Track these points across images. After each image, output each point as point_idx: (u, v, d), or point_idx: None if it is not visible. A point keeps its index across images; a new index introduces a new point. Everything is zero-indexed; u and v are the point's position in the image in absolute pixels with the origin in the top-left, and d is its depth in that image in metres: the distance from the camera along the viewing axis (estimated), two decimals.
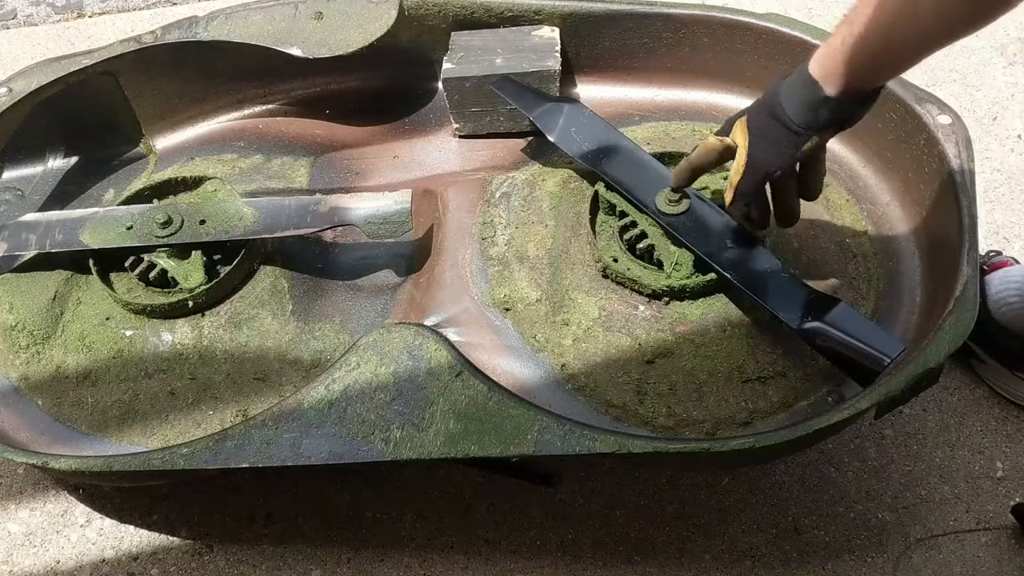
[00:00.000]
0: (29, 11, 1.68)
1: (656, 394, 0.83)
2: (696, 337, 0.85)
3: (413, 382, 0.80)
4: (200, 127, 1.17)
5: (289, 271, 0.97)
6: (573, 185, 0.99)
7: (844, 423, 0.72)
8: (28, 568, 0.97)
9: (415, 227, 0.98)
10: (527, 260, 0.93)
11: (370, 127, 1.13)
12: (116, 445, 0.91)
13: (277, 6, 1.07)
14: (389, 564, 0.94)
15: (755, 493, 0.95)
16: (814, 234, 0.92)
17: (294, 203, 0.98)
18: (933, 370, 0.72)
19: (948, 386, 1.01)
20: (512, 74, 1.01)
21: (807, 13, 1.46)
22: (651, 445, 0.74)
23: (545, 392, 0.85)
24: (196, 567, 0.96)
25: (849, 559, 0.90)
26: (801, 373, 0.83)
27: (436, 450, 0.77)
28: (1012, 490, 0.94)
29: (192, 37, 1.06)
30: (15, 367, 0.96)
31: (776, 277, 0.83)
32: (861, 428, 0.98)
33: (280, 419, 0.80)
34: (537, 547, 0.94)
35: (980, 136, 1.24)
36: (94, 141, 1.13)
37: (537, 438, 0.75)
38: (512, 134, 1.07)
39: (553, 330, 0.88)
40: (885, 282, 0.89)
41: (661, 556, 0.92)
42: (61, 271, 1.00)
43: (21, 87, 1.05)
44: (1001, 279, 0.98)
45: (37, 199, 1.09)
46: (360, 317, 0.95)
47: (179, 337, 0.94)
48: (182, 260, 0.96)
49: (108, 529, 0.99)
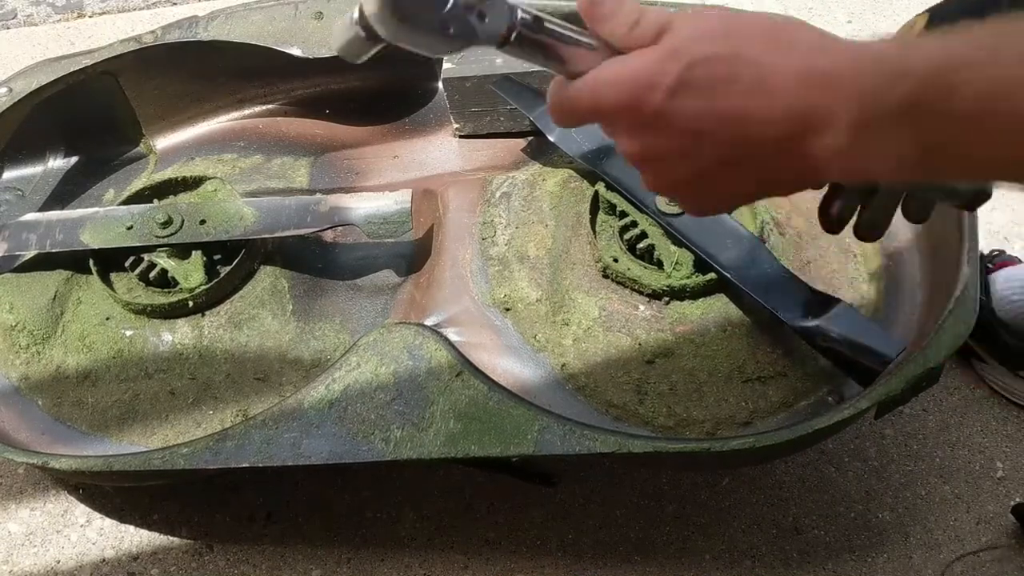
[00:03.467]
0: (29, 11, 1.68)
1: (656, 394, 0.83)
2: (696, 337, 0.85)
3: (413, 382, 0.80)
4: (200, 127, 1.17)
5: (289, 271, 0.97)
6: (573, 185, 0.99)
7: (844, 423, 0.72)
8: (28, 568, 0.97)
9: (415, 227, 0.98)
10: (527, 260, 0.93)
11: (370, 127, 1.13)
12: (116, 445, 0.91)
13: (277, 6, 1.07)
14: (389, 564, 0.94)
15: (755, 493, 0.95)
16: (814, 234, 0.92)
17: (294, 203, 0.98)
18: (933, 370, 0.72)
19: (948, 386, 1.01)
20: (512, 74, 1.01)
21: (807, 13, 1.46)
22: (651, 445, 0.74)
23: (545, 392, 0.85)
24: (196, 567, 0.95)
25: (849, 559, 0.90)
26: (801, 373, 0.83)
27: (436, 450, 0.77)
28: (1012, 490, 0.94)
29: (192, 37, 1.06)
30: (15, 367, 0.96)
31: (776, 277, 0.83)
32: (861, 428, 0.98)
33: (280, 419, 0.80)
34: (537, 547, 0.94)
35: None
36: (94, 141, 1.13)
37: (537, 438, 0.75)
38: (512, 134, 1.07)
39: (553, 330, 0.88)
40: (885, 282, 0.89)
41: (661, 556, 0.92)
42: (61, 271, 1.00)
43: (21, 87, 1.05)
44: (1005, 277, 0.99)
45: (37, 199, 1.09)
46: (360, 317, 0.95)
47: (179, 337, 0.94)
48: (182, 260, 0.96)
49: (108, 529, 0.99)
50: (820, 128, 0.36)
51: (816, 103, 0.36)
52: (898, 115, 0.34)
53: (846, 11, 1.48)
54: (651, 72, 0.37)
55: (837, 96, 0.35)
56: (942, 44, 0.33)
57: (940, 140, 0.34)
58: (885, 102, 0.34)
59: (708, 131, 0.37)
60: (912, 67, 0.33)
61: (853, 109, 0.35)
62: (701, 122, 0.37)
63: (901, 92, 0.34)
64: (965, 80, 0.32)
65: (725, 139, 0.37)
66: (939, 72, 0.33)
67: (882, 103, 0.34)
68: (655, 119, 0.38)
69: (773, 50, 0.37)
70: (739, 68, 0.36)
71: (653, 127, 0.38)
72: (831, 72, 0.35)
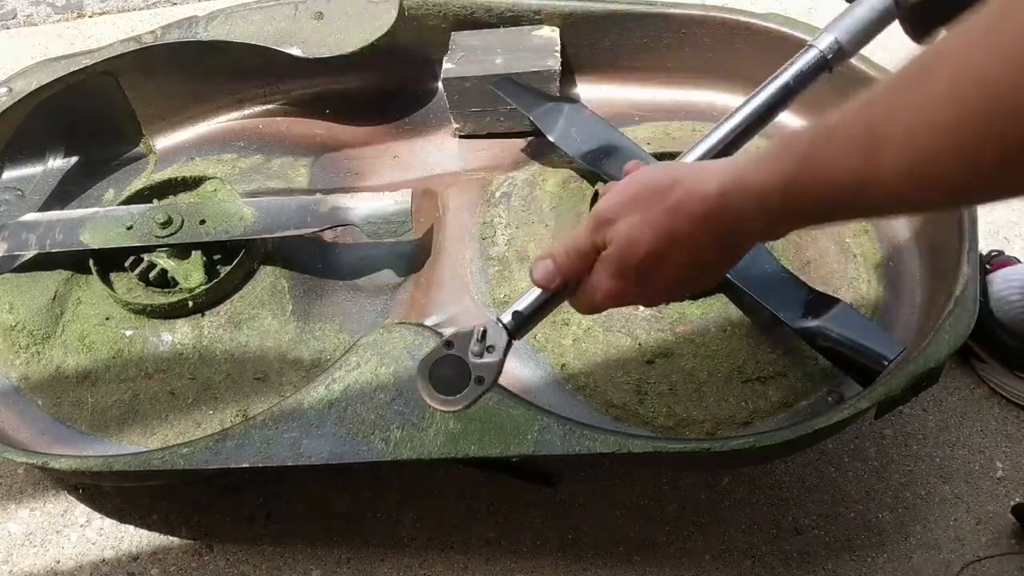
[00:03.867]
0: (29, 11, 1.68)
1: (656, 394, 0.83)
2: (696, 337, 0.85)
3: (413, 382, 0.80)
4: (200, 127, 1.17)
5: (289, 271, 0.97)
6: (573, 185, 0.99)
7: (844, 423, 0.72)
8: (28, 568, 0.97)
9: (415, 227, 0.98)
10: (527, 260, 0.93)
11: (370, 127, 1.13)
12: (116, 445, 0.91)
13: (277, 6, 1.07)
14: (389, 564, 0.94)
15: (755, 493, 0.95)
16: (814, 234, 0.92)
17: (294, 203, 0.98)
18: (933, 370, 0.72)
19: (948, 386, 1.01)
20: (512, 74, 1.01)
21: (807, 13, 1.46)
22: (651, 445, 0.74)
23: (545, 392, 0.85)
24: (196, 567, 0.95)
25: (849, 559, 0.90)
26: (801, 373, 0.83)
27: (436, 450, 0.77)
28: (1012, 490, 0.94)
29: (192, 37, 1.06)
30: (15, 367, 0.96)
31: (776, 277, 0.83)
32: (861, 428, 0.98)
33: (280, 419, 0.80)
34: (537, 547, 0.94)
35: None
36: (94, 141, 1.13)
37: (537, 438, 0.75)
38: (512, 134, 1.07)
39: (553, 330, 0.88)
40: (885, 282, 0.89)
41: (661, 556, 0.92)
42: (61, 271, 1.00)
43: (21, 87, 1.05)
44: (1003, 278, 0.99)
45: (37, 199, 1.09)
46: (360, 317, 0.95)
47: (179, 337, 0.94)
48: (182, 260, 0.96)
49: (108, 529, 0.99)
50: (734, 234, 0.53)
51: (723, 228, 0.53)
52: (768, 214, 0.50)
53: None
54: (617, 287, 0.57)
55: (735, 216, 0.51)
56: (774, 168, 0.48)
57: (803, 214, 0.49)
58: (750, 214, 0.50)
59: (661, 281, 0.56)
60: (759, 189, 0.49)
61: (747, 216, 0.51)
62: (657, 280, 0.56)
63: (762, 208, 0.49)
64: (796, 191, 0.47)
65: (671, 273, 0.56)
66: (779, 190, 0.48)
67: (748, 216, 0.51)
68: (630, 297, 0.59)
69: (676, 216, 0.53)
70: (664, 249, 0.54)
71: (631, 297, 0.59)
72: (721, 214, 0.52)
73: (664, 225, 0.53)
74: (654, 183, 0.54)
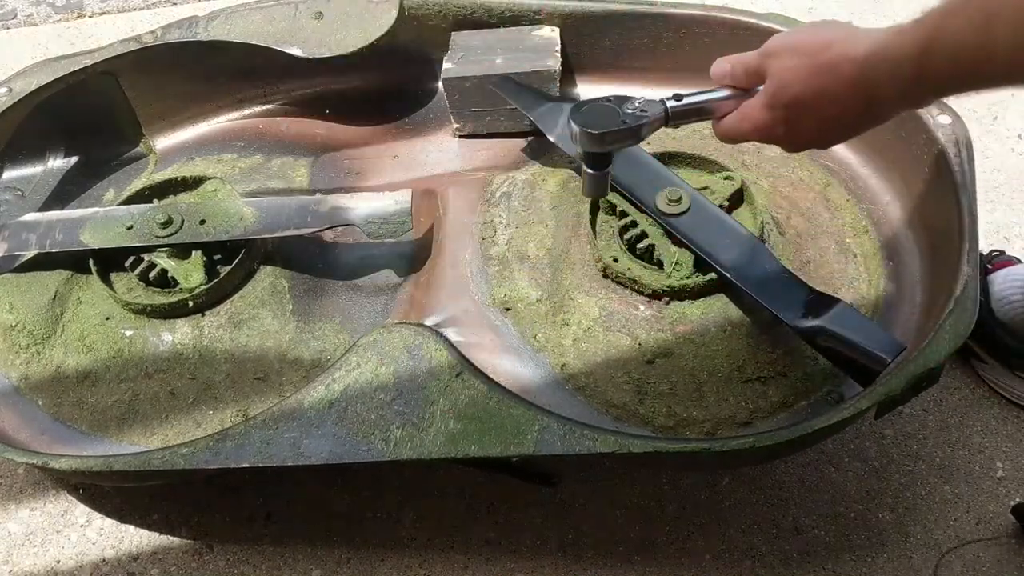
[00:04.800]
0: (29, 11, 1.68)
1: (656, 394, 0.83)
2: (696, 337, 0.85)
3: (413, 382, 0.80)
4: (200, 127, 1.17)
5: (289, 271, 0.97)
6: (573, 185, 0.99)
7: (844, 423, 0.72)
8: (28, 568, 0.97)
9: (415, 227, 0.98)
10: (527, 260, 0.93)
11: (370, 127, 1.13)
12: (116, 445, 0.91)
13: (277, 6, 1.07)
14: (389, 564, 0.94)
15: (755, 493, 0.95)
16: (814, 234, 0.92)
17: (294, 203, 0.98)
18: (933, 370, 0.72)
19: (948, 386, 1.01)
20: (512, 74, 1.01)
21: (807, 13, 1.46)
22: (651, 445, 0.74)
23: (545, 392, 0.85)
24: (196, 567, 0.95)
25: (849, 559, 0.90)
26: (801, 373, 0.83)
27: (436, 450, 0.77)
28: (1012, 490, 0.94)
29: (192, 37, 1.06)
30: (15, 367, 0.96)
31: (776, 277, 0.83)
32: (861, 428, 0.98)
33: (280, 419, 0.80)
34: (537, 547, 0.94)
35: (980, 136, 1.24)
36: (94, 141, 1.13)
37: (537, 438, 0.75)
38: (512, 134, 1.07)
39: (553, 330, 0.88)
40: (885, 282, 0.89)
41: (661, 556, 0.92)
42: (61, 271, 1.00)
43: (21, 87, 1.05)
44: (1004, 277, 0.99)
45: (37, 199, 1.09)
46: (360, 317, 0.95)
47: (179, 337, 0.94)
48: (182, 260, 0.96)
49: (108, 529, 0.99)
50: (873, 98, 0.59)
51: (864, 91, 0.59)
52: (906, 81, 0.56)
53: (846, 11, 1.48)
54: (766, 118, 0.65)
55: (874, 82, 0.58)
56: (909, 40, 0.54)
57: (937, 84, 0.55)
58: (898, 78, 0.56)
59: (805, 126, 0.64)
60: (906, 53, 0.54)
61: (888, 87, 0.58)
62: (802, 124, 0.64)
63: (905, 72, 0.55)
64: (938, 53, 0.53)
65: (814, 123, 0.63)
66: (913, 60, 0.54)
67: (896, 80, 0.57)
68: (775, 135, 0.67)
69: (827, 74, 0.60)
70: (811, 99, 0.62)
71: (775, 135, 0.67)
72: (865, 79, 0.58)
73: (815, 79, 0.60)
74: (813, 38, 0.61)
